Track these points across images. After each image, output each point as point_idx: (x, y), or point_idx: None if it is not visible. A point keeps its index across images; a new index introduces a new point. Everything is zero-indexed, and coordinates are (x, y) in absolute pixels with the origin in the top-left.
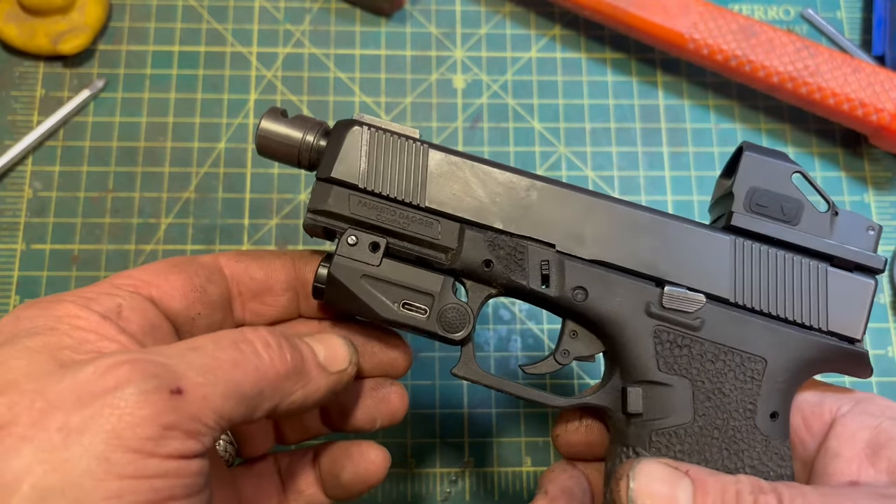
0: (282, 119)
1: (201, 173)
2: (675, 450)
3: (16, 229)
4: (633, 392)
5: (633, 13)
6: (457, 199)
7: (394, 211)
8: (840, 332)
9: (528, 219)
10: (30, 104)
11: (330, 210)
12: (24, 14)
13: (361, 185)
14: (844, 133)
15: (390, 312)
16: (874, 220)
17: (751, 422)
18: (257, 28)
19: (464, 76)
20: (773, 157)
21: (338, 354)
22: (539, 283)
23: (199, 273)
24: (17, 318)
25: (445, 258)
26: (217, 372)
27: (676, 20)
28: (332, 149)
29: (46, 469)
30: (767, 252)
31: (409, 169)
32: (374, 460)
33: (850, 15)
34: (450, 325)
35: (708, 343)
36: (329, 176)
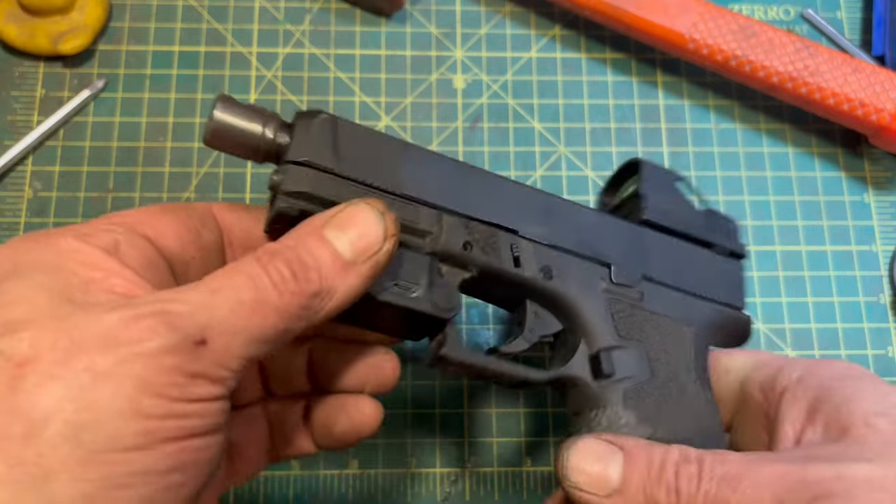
0: (236, 107)
1: (201, 173)
2: (644, 403)
3: (16, 229)
4: (604, 355)
5: (633, 13)
6: (432, 187)
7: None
8: (731, 303)
9: (494, 206)
10: (30, 104)
11: (308, 192)
12: (24, 14)
13: (338, 171)
14: (844, 133)
15: (385, 293)
16: (874, 220)
17: (691, 376)
18: (257, 28)
19: (464, 76)
20: (661, 169)
21: (368, 234)
22: (512, 265)
23: (192, 217)
24: (14, 250)
25: (425, 242)
26: (238, 319)
27: (676, 20)
28: (300, 136)
29: (77, 407)
30: (671, 240)
31: (382, 158)
32: (369, 413)
33: (850, 15)
34: (440, 304)
35: (648, 312)
36: (305, 159)
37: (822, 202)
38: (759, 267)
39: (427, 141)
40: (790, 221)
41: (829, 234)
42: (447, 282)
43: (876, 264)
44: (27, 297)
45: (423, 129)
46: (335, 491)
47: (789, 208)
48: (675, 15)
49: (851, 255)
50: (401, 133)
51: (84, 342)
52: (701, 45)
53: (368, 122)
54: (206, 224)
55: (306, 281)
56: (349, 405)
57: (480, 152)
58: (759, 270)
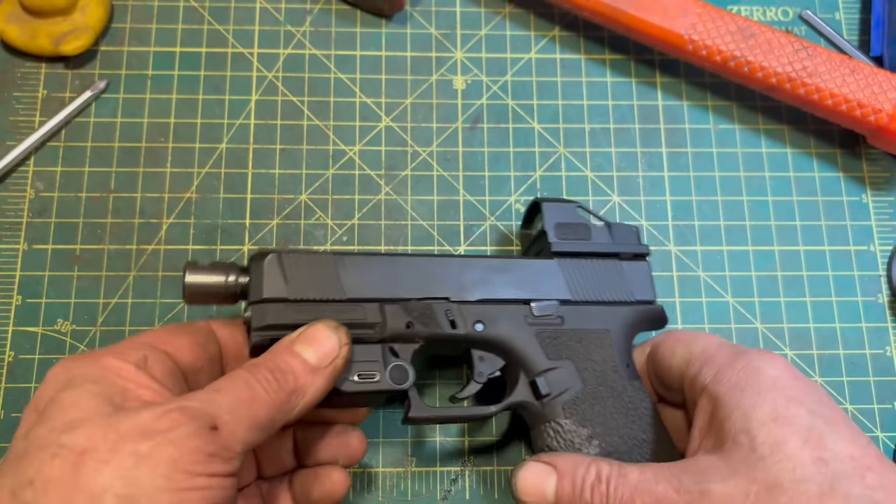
0: (201, 269)
1: (202, 174)
2: (580, 409)
3: (18, 229)
4: (539, 380)
5: (633, 14)
6: (369, 285)
7: (324, 308)
8: (643, 299)
9: (424, 284)
10: (32, 105)
11: (272, 323)
12: (25, 15)
13: (290, 297)
14: (842, 134)
15: (350, 385)
16: (872, 220)
17: (618, 374)
18: (258, 29)
19: (464, 77)
20: (560, 202)
21: (325, 346)
22: (450, 328)
23: (199, 334)
24: (67, 368)
25: (375, 332)
26: (239, 411)
27: (675, 21)
28: (255, 278)
29: (124, 483)
30: (581, 261)
31: (323, 273)
32: (338, 481)
33: (848, 16)
34: (398, 380)
35: (571, 331)
36: (262, 297)
37: (821, 202)
38: (758, 267)
39: (427, 141)
40: (789, 221)
41: (828, 234)
42: (401, 358)
43: (874, 264)
44: (80, 402)
45: (423, 130)
46: None
47: (788, 208)
48: (674, 16)
49: (850, 255)
50: (401, 133)
51: (127, 434)
52: (700, 45)
53: (369, 123)
54: (209, 340)
55: (285, 381)
56: (322, 475)
57: (480, 153)
58: (757, 270)
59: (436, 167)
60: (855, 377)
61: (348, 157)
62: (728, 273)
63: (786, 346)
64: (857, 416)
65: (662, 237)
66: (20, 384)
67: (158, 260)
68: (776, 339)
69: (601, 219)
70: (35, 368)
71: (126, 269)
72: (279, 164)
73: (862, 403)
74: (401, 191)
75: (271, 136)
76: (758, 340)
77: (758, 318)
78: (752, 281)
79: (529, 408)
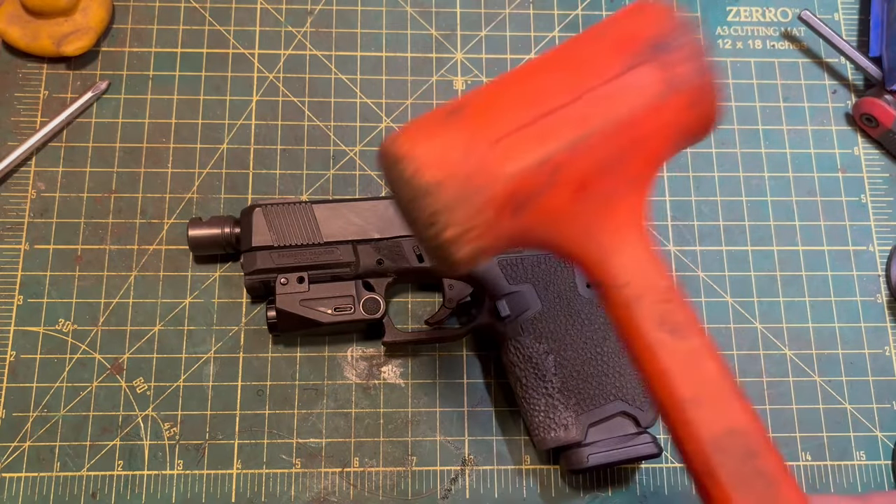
0: (201, 224)
1: (203, 174)
2: (538, 327)
3: (19, 229)
4: (500, 303)
5: None
6: (343, 229)
7: (305, 252)
8: None
9: (393, 224)
10: (33, 105)
11: (260, 268)
12: (27, 16)
13: (275, 244)
14: (842, 134)
15: (328, 317)
16: (871, 220)
17: (576, 293)
18: (259, 30)
19: (464, 78)
20: None
21: None
22: (417, 262)
23: None
24: None
25: (350, 270)
26: None
27: None
28: (245, 229)
29: None
30: None
31: (303, 222)
32: None
33: (847, 17)
34: (371, 311)
35: (530, 257)
36: (250, 247)
37: (820, 202)
38: (757, 267)
39: None
40: (788, 221)
41: (827, 234)
42: (376, 292)
43: (873, 264)
44: None
45: None
46: (337, 489)
47: (787, 208)
48: None
49: (849, 255)
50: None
51: None
52: None
53: (370, 124)
54: None
55: None
56: None
57: None
58: (756, 270)
59: None
60: (854, 377)
61: (349, 158)
62: (727, 273)
63: (785, 345)
64: (857, 416)
65: (662, 237)
66: (21, 384)
67: (160, 260)
68: (775, 339)
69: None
70: (36, 368)
71: (127, 269)
72: (280, 165)
73: (861, 403)
74: None
75: (272, 137)
76: (757, 340)
77: (757, 318)
78: (752, 281)
79: (495, 328)
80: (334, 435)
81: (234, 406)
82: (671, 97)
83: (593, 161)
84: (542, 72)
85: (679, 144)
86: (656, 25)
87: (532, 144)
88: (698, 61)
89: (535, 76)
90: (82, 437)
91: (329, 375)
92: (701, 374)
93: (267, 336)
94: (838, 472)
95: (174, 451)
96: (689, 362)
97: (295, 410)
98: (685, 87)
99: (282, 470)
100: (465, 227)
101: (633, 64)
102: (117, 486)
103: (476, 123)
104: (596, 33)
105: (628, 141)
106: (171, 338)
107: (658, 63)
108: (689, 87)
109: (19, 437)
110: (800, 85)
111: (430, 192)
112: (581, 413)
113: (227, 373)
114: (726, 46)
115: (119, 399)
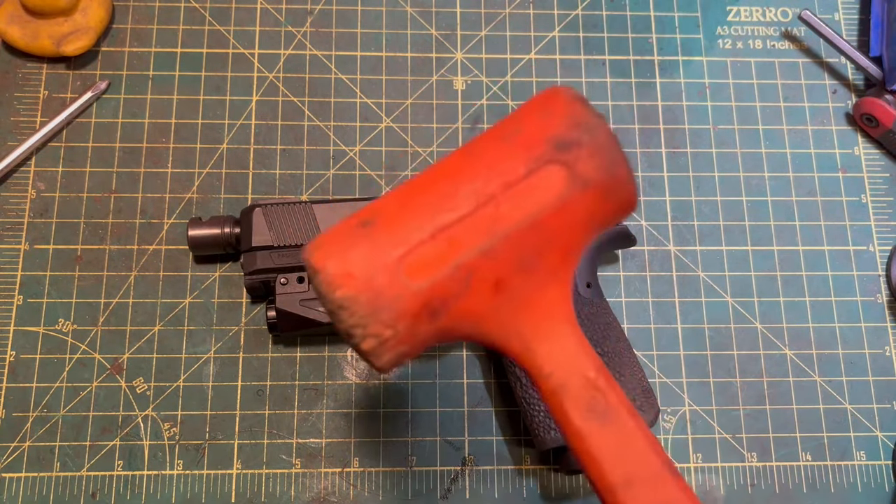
0: (201, 224)
1: (203, 174)
2: None
3: (19, 229)
4: None
5: None
6: None
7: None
8: None
9: None
10: (33, 105)
11: (260, 267)
12: (27, 16)
13: (275, 244)
14: (842, 134)
15: (327, 317)
16: (871, 220)
17: (576, 292)
18: (259, 30)
19: (464, 77)
20: None
21: None
22: None
23: None
24: None
25: None
26: None
27: None
28: (245, 229)
29: None
30: None
31: (303, 222)
32: None
33: (847, 16)
34: None
35: None
36: (250, 247)
37: (820, 202)
38: (757, 267)
39: (428, 142)
40: (788, 221)
41: (827, 234)
42: None
43: (873, 264)
44: None
45: (423, 130)
46: (337, 489)
47: (787, 208)
48: None
49: (849, 255)
50: (402, 134)
51: None
52: None
53: (369, 124)
54: None
55: None
56: None
57: None
58: (756, 270)
59: None
60: (854, 377)
61: (349, 158)
62: (727, 273)
63: (785, 346)
64: (857, 416)
65: (662, 237)
66: (21, 384)
67: (159, 260)
68: (776, 339)
69: None
70: (36, 368)
71: (127, 269)
72: (280, 165)
73: (861, 403)
74: None
75: (272, 137)
76: (757, 340)
77: (757, 318)
78: (752, 281)
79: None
80: (334, 435)
81: (234, 406)
82: (578, 195)
83: (506, 262)
84: (449, 176)
85: (596, 232)
86: (560, 120)
87: (441, 255)
88: (605, 156)
89: (441, 181)
90: (82, 438)
91: (329, 375)
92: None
93: (267, 336)
94: (838, 473)
95: (174, 452)
96: (619, 446)
97: (295, 410)
98: (592, 183)
99: (282, 470)
100: (382, 338)
101: (537, 165)
102: (117, 487)
103: (384, 237)
104: (502, 132)
105: (539, 240)
106: (171, 338)
107: (561, 162)
108: (597, 182)
109: (19, 437)
110: (800, 85)
111: (343, 307)
112: None
113: (226, 373)
114: (726, 46)
115: (119, 399)
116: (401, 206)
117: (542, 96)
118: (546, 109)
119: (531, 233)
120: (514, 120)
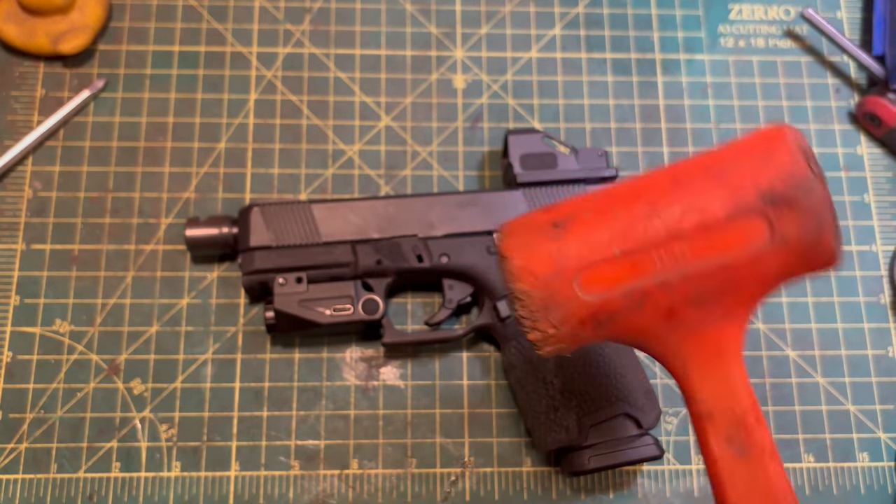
0: (199, 224)
1: (201, 173)
2: None
3: (16, 229)
4: (500, 304)
5: None
6: (342, 229)
7: (303, 252)
8: None
9: (392, 224)
10: (30, 104)
11: (258, 268)
12: (23, 14)
13: (273, 244)
14: (844, 133)
15: (326, 318)
16: (874, 220)
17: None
18: (257, 28)
19: (464, 76)
20: (526, 133)
21: None
22: (416, 262)
23: None
24: None
25: (349, 270)
26: None
27: None
28: (243, 229)
29: None
30: (546, 190)
31: (301, 221)
32: None
33: (850, 15)
34: (370, 311)
35: None
36: (248, 247)
37: None
38: None
39: (427, 141)
40: None
41: None
42: (375, 292)
43: (876, 264)
44: None
45: (423, 129)
46: (336, 491)
47: None
48: None
49: (852, 255)
50: (401, 133)
51: None
52: None
53: (369, 123)
54: None
55: None
56: None
57: (480, 152)
58: None
59: (436, 167)
60: (857, 378)
61: (348, 157)
62: None
63: (787, 346)
64: (860, 418)
65: None
66: (18, 385)
67: (157, 260)
68: (778, 340)
69: (567, 145)
70: (33, 369)
71: (124, 270)
72: (278, 164)
73: (864, 404)
74: (401, 190)
75: (270, 136)
76: (760, 341)
77: (759, 319)
78: None
79: (496, 329)
80: (333, 437)
81: (232, 407)
82: (774, 251)
83: (683, 295)
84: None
85: (785, 283)
86: (777, 172)
87: (620, 276)
88: (814, 220)
89: (639, 201)
90: (79, 439)
91: (328, 377)
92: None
93: (265, 337)
94: (841, 475)
95: (172, 453)
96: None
97: (293, 412)
98: (794, 244)
99: (280, 472)
100: (546, 334)
101: (740, 213)
102: (114, 488)
103: (572, 244)
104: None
105: (723, 284)
106: (169, 339)
107: (766, 217)
108: (799, 243)
109: (16, 439)
110: (802, 84)
111: (519, 299)
112: (582, 415)
113: (224, 374)
114: (728, 44)
115: (116, 400)
116: (595, 217)
117: (765, 135)
118: (766, 153)
119: (716, 276)
120: (729, 153)
